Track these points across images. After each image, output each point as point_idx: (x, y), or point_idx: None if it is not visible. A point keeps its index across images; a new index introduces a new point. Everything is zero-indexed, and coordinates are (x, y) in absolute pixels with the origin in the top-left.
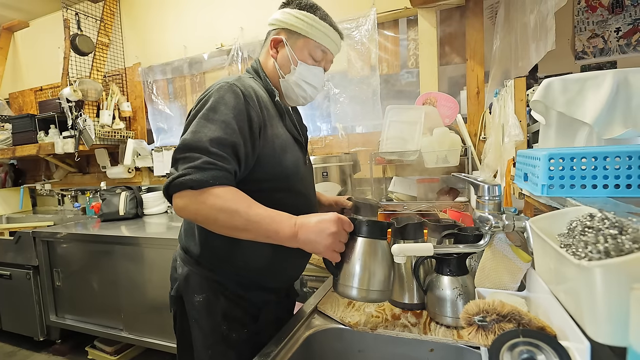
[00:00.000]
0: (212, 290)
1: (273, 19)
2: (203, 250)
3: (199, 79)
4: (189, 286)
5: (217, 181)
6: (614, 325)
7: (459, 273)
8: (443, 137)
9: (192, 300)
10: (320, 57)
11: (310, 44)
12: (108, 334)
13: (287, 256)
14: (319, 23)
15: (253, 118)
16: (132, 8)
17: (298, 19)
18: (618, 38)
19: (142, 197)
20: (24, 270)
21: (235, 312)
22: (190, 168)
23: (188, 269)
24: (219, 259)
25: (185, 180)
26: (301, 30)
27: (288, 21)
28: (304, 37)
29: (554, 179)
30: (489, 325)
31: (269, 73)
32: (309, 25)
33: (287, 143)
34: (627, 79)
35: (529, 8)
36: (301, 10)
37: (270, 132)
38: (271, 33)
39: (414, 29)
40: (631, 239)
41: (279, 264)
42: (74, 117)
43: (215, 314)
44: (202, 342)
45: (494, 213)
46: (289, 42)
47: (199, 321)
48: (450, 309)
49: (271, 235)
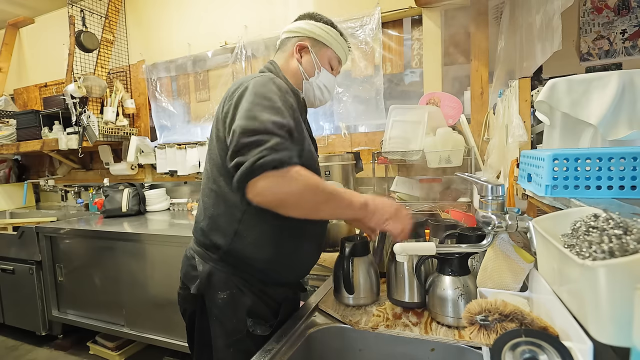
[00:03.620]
0: (236, 286)
1: (297, 27)
2: (234, 244)
3: (202, 76)
4: (211, 284)
5: (293, 160)
6: (617, 325)
7: (461, 273)
8: (446, 137)
9: (214, 297)
10: (335, 67)
11: (330, 53)
12: (110, 330)
13: (307, 250)
14: (338, 37)
15: (294, 107)
16: (137, 5)
17: (323, 30)
18: (624, 40)
19: (145, 194)
20: (27, 265)
21: (259, 307)
22: (266, 149)
23: (210, 266)
24: (245, 253)
25: (268, 160)
26: (325, 41)
27: (314, 31)
28: (327, 47)
29: (558, 179)
30: (491, 325)
31: (288, 75)
32: (332, 38)
33: (310, 140)
34: (633, 81)
35: (535, 8)
36: (325, 24)
37: (303, 126)
38: (292, 39)
39: (419, 29)
40: (636, 239)
41: (299, 258)
42: (78, 113)
43: (240, 310)
44: (224, 340)
45: (497, 213)
46: (313, 50)
47: (221, 319)
48: (452, 309)
49: (346, 205)
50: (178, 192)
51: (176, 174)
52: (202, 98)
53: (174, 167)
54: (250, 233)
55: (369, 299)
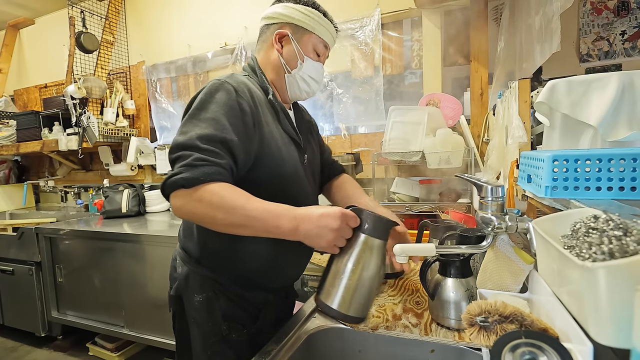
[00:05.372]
0: (212, 290)
1: (274, 12)
2: (202, 251)
3: (202, 77)
4: (188, 286)
5: (209, 178)
6: (617, 327)
7: (465, 275)
8: (446, 139)
9: (191, 300)
10: (322, 52)
11: (314, 39)
12: (109, 331)
13: (287, 256)
14: (322, 19)
15: (247, 112)
16: (137, 6)
17: (303, 14)
18: (623, 41)
19: (145, 195)
20: (27, 266)
21: (235, 312)
22: (183, 166)
23: (188, 269)
24: (218, 258)
25: (177, 179)
26: (307, 26)
27: (294, 16)
28: (309, 32)
29: (558, 180)
30: (490, 326)
31: (268, 69)
32: (314, 21)
33: (282, 142)
34: (633, 82)
35: (534, 9)
36: (305, 6)
37: (265, 130)
38: (271, 27)
39: (418, 30)
40: (636, 240)
41: (278, 264)
42: (78, 114)
43: (215, 314)
44: (201, 343)
45: (497, 214)
46: (294, 37)
47: (198, 321)
48: (454, 312)
49: (271, 230)
50: None
51: None
52: None
53: None
54: (214, 240)
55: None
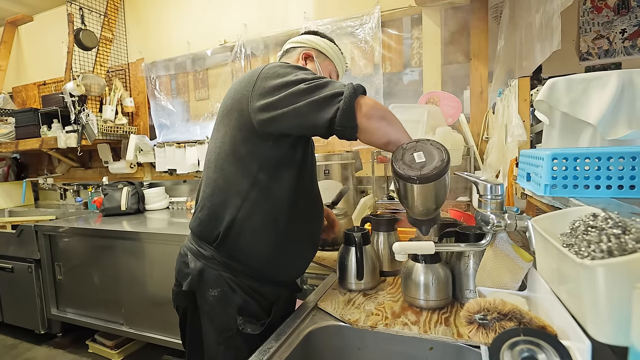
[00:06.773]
0: (227, 284)
1: (303, 38)
2: (229, 234)
3: (202, 75)
4: (202, 281)
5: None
6: (615, 324)
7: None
8: (445, 137)
9: (205, 295)
10: (334, 78)
11: (331, 66)
12: (109, 328)
13: (300, 249)
14: (339, 54)
15: None
16: (136, 3)
17: (328, 45)
18: (623, 39)
19: (144, 193)
20: (26, 263)
21: (250, 306)
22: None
23: (202, 264)
24: (238, 245)
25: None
26: (328, 54)
27: (319, 43)
28: (329, 60)
29: (557, 179)
30: (489, 324)
31: None
32: (334, 52)
33: None
34: (632, 80)
35: (535, 8)
36: (329, 41)
37: None
38: (297, 49)
39: (418, 28)
40: (634, 238)
41: (292, 256)
42: (77, 111)
43: (231, 308)
44: (215, 337)
45: (496, 212)
46: (317, 60)
47: (212, 316)
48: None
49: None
50: (177, 190)
51: (175, 172)
52: (201, 96)
53: (173, 165)
54: (247, 223)
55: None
